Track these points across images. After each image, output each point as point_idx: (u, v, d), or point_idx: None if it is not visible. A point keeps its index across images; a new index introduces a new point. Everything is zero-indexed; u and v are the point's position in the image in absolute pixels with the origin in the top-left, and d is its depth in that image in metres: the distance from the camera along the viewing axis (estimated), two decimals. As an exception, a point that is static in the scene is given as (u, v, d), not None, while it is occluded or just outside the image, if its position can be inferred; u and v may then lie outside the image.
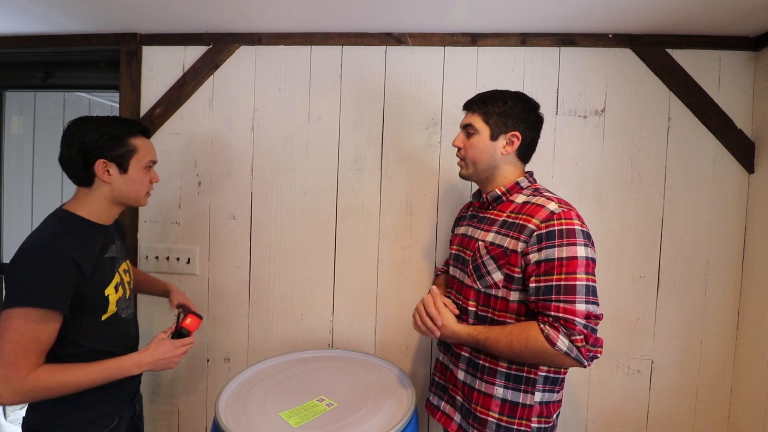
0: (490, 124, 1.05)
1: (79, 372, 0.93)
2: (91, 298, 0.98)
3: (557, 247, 0.90)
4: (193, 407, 1.59)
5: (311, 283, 1.53)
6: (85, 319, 0.98)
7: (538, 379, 0.99)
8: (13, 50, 1.59)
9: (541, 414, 0.99)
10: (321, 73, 1.50)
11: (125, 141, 1.03)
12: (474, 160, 1.07)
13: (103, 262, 1.02)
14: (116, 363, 0.98)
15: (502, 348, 0.94)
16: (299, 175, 1.52)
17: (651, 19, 1.28)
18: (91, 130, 0.99)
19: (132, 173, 1.04)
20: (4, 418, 2.03)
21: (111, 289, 1.03)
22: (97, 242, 1.02)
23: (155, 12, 1.36)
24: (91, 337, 1.00)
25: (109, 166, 1.00)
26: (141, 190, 1.08)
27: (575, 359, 0.87)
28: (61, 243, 0.92)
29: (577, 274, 0.89)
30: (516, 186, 1.06)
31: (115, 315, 1.06)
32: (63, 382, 0.91)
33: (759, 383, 1.31)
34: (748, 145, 1.38)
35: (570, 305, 0.87)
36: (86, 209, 1.02)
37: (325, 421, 1.01)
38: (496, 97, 1.05)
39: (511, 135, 1.04)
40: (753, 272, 1.36)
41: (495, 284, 0.99)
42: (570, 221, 0.92)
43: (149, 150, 1.08)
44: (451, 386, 1.13)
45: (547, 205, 0.95)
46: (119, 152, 1.01)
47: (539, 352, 0.89)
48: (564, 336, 0.87)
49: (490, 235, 1.03)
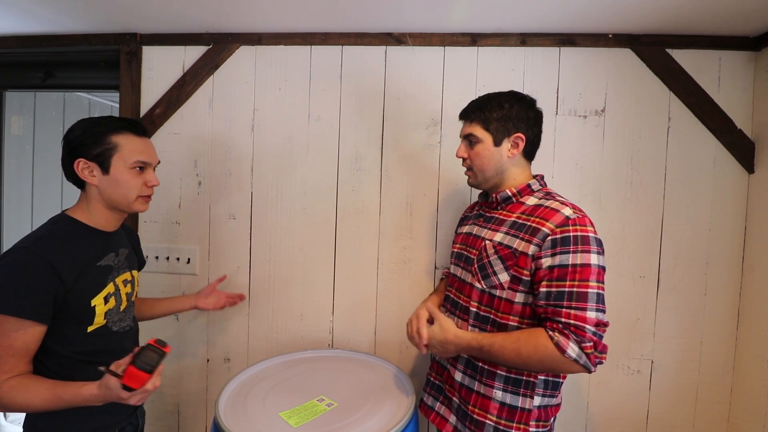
0: (491, 130, 1.04)
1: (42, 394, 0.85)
2: (74, 308, 0.91)
3: (572, 253, 0.89)
4: (193, 407, 1.59)
5: (311, 283, 1.53)
6: (68, 329, 0.92)
7: (537, 383, 0.98)
8: (13, 50, 1.59)
9: (539, 418, 0.98)
10: (321, 73, 1.50)
11: (104, 138, 0.94)
12: (481, 168, 1.06)
13: (92, 270, 0.96)
14: (73, 392, 0.85)
15: (508, 355, 0.91)
16: (299, 175, 1.52)
17: (651, 19, 1.28)
18: (77, 128, 0.95)
19: (115, 174, 0.95)
20: (4, 418, 2.03)
21: (99, 299, 0.96)
22: (91, 249, 0.97)
23: (155, 12, 1.36)
24: (76, 349, 0.94)
25: (90, 167, 0.94)
26: (128, 194, 0.98)
27: (583, 366, 0.87)
28: (41, 247, 0.87)
29: (590, 282, 0.88)
30: (527, 188, 1.05)
31: (104, 327, 0.98)
32: (27, 402, 0.85)
33: (759, 383, 1.31)
34: (748, 145, 1.38)
35: (581, 312, 0.87)
36: (84, 213, 0.99)
37: (325, 421, 1.01)
38: (492, 102, 1.04)
39: (515, 137, 1.03)
40: (753, 272, 1.36)
41: (500, 285, 0.98)
42: (585, 228, 0.92)
43: (136, 149, 0.98)
44: (447, 387, 1.11)
45: (562, 210, 0.94)
46: (97, 150, 0.94)
47: (548, 360, 0.88)
48: (574, 343, 0.86)
49: (498, 235, 1.02)
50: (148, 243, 1.57)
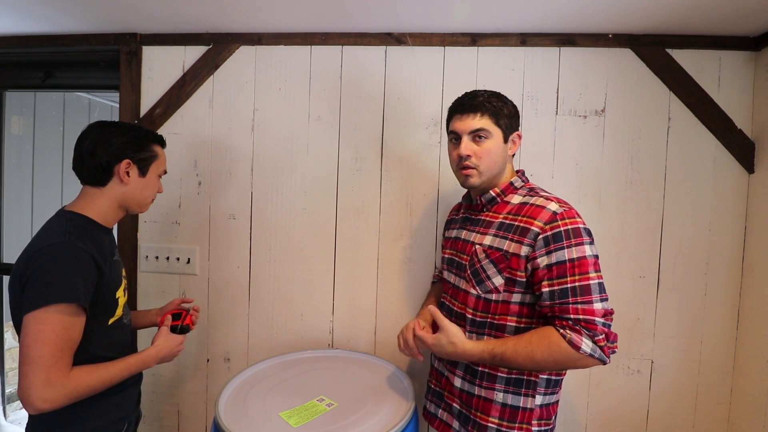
0: (501, 125, 1.00)
1: (110, 369, 0.93)
2: (104, 300, 0.97)
3: (567, 248, 0.89)
4: (193, 407, 1.59)
5: (311, 283, 1.53)
6: (95, 322, 0.96)
7: (539, 383, 0.97)
8: (13, 50, 1.59)
9: (541, 417, 0.98)
10: (321, 73, 1.50)
11: (150, 146, 1.08)
12: (489, 166, 1.00)
13: (114, 264, 1.02)
14: (138, 358, 1.01)
15: (522, 360, 0.89)
16: (299, 175, 1.52)
17: (651, 19, 1.28)
18: (118, 132, 1.03)
19: (149, 178, 1.08)
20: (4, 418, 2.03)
21: (120, 291, 1.04)
22: (106, 243, 1.02)
23: (155, 12, 1.36)
24: (96, 342, 0.97)
25: (131, 168, 1.03)
26: (150, 196, 1.11)
27: (599, 359, 0.87)
28: (78, 241, 0.91)
29: (590, 273, 0.88)
30: (510, 186, 1.03)
31: (120, 320, 1.05)
32: (101, 379, 0.91)
33: (759, 383, 1.31)
34: (748, 145, 1.38)
35: (588, 305, 0.87)
36: (93, 210, 1.01)
37: (325, 421, 1.01)
38: (494, 97, 1.02)
39: (516, 135, 1.03)
40: (753, 272, 1.36)
41: (495, 289, 0.97)
42: (574, 220, 0.91)
43: (164, 160, 1.14)
44: (446, 393, 1.11)
45: (548, 206, 0.93)
46: (144, 156, 1.06)
47: (563, 359, 0.87)
48: (587, 338, 0.86)
49: (487, 238, 1.00)
50: (148, 243, 1.57)
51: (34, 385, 0.82)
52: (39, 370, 0.83)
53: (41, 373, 0.83)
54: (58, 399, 0.85)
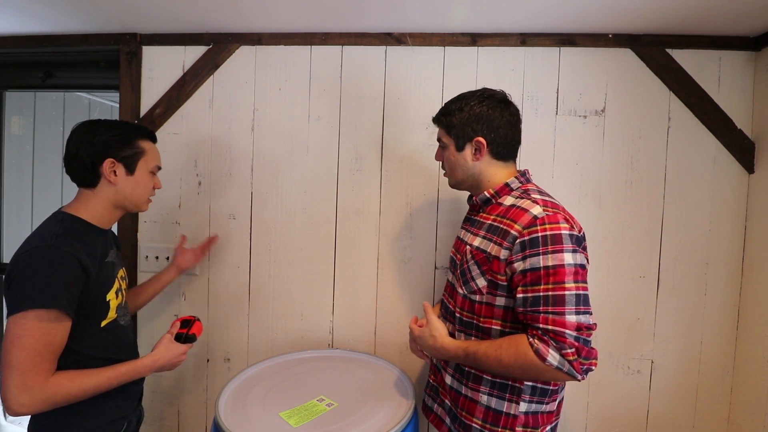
0: (452, 135, 1.02)
1: (96, 377, 0.92)
2: (93, 303, 0.96)
3: (542, 255, 0.85)
4: (193, 407, 1.59)
5: (311, 283, 1.53)
6: (86, 324, 0.95)
7: (524, 389, 0.94)
8: (13, 50, 1.59)
9: (526, 424, 0.95)
10: (321, 73, 1.50)
11: (134, 142, 1.04)
12: (450, 172, 1.07)
13: (105, 267, 1.01)
14: (130, 367, 0.98)
15: (491, 363, 0.89)
16: (299, 175, 1.52)
17: (651, 19, 1.28)
18: (101, 130, 1.00)
19: (138, 176, 1.05)
20: (4, 419, 2.03)
21: (112, 294, 1.02)
22: (98, 246, 1.00)
23: (155, 12, 1.36)
24: (89, 344, 0.97)
25: (116, 167, 1.00)
26: (144, 194, 1.08)
27: (567, 374, 0.82)
28: (65, 244, 0.89)
29: (566, 284, 0.83)
30: (505, 187, 1.01)
31: (114, 321, 1.03)
32: (83, 388, 0.89)
33: (759, 383, 1.31)
34: (748, 145, 1.38)
35: (559, 317, 0.82)
36: (88, 212, 1.00)
37: (325, 421, 1.02)
38: (454, 105, 1.02)
39: (476, 141, 0.99)
40: (753, 272, 1.36)
41: (479, 290, 0.96)
42: (555, 225, 0.86)
43: (156, 155, 1.10)
44: (440, 389, 1.12)
45: (531, 209, 0.89)
46: (128, 153, 1.02)
47: (530, 368, 0.84)
48: (554, 350, 0.82)
49: (477, 239, 1.00)
50: (148, 243, 1.57)
51: (11, 390, 0.82)
52: (16, 375, 0.83)
53: (18, 378, 0.83)
54: (35, 405, 0.84)
